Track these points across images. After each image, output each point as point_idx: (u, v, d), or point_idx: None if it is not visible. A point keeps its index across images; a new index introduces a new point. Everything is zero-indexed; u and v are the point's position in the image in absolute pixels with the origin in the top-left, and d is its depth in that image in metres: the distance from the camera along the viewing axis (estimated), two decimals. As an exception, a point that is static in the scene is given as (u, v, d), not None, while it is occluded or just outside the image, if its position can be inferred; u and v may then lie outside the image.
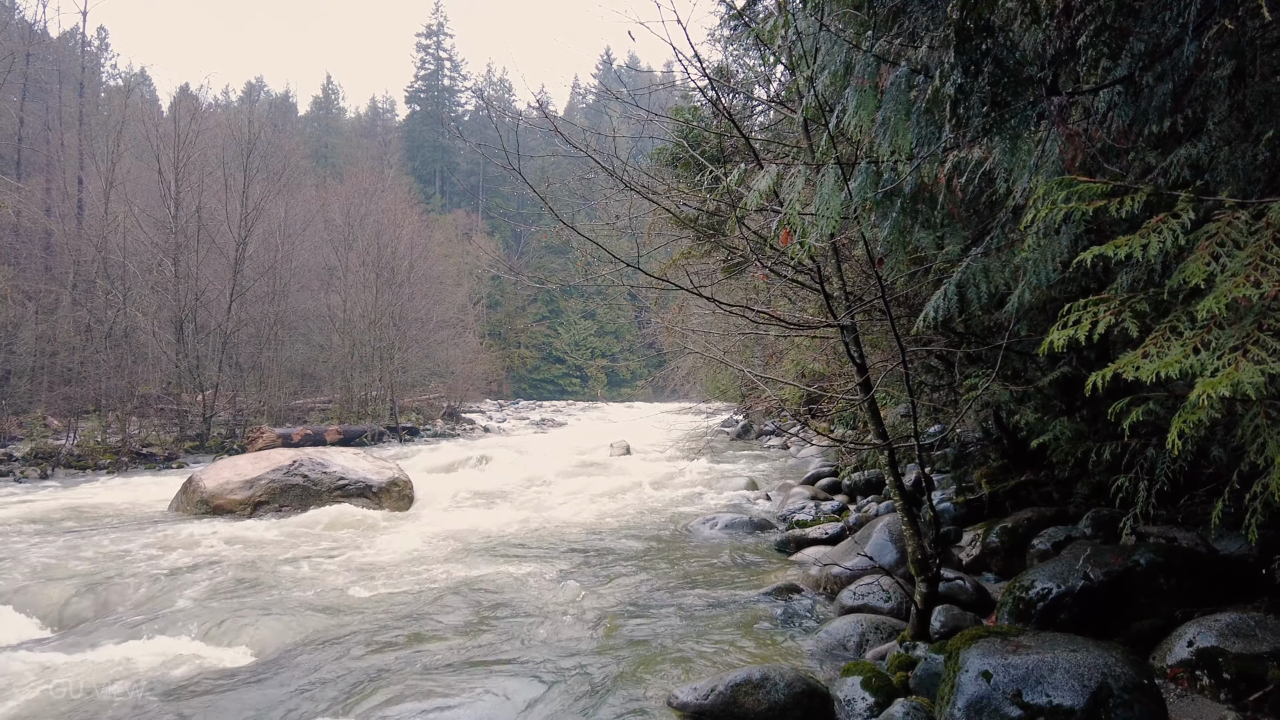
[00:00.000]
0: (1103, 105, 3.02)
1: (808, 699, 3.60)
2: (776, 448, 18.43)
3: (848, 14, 3.57)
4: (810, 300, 6.58)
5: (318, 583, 6.23)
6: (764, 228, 5.13)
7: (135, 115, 23.72)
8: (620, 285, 5.63)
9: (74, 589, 6.03)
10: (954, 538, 6.24)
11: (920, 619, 4.22)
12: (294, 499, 9.71)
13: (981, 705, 3.01)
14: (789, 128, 6.26)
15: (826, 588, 5.67)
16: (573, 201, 18.02)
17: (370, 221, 28.17)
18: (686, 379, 21.98)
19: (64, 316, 20.04)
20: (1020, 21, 3.14)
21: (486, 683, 4.11)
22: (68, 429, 16.91)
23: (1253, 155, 2.59)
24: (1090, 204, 2.28)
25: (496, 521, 8.96)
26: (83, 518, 9.30)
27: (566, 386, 67.73)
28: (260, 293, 23.16)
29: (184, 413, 19.20)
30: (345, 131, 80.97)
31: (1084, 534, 5.18)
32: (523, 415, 37.89)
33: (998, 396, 5.72)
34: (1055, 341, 2.28)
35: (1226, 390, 1.73)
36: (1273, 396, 2.34)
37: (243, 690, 4.15)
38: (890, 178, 3.51)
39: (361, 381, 25.65)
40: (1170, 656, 3.48)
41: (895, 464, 4.54)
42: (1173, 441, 1.99)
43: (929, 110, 3.13)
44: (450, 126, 69.44)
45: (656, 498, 10.85)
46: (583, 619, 5.23)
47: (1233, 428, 2.88)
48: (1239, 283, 1.81)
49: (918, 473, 7.71)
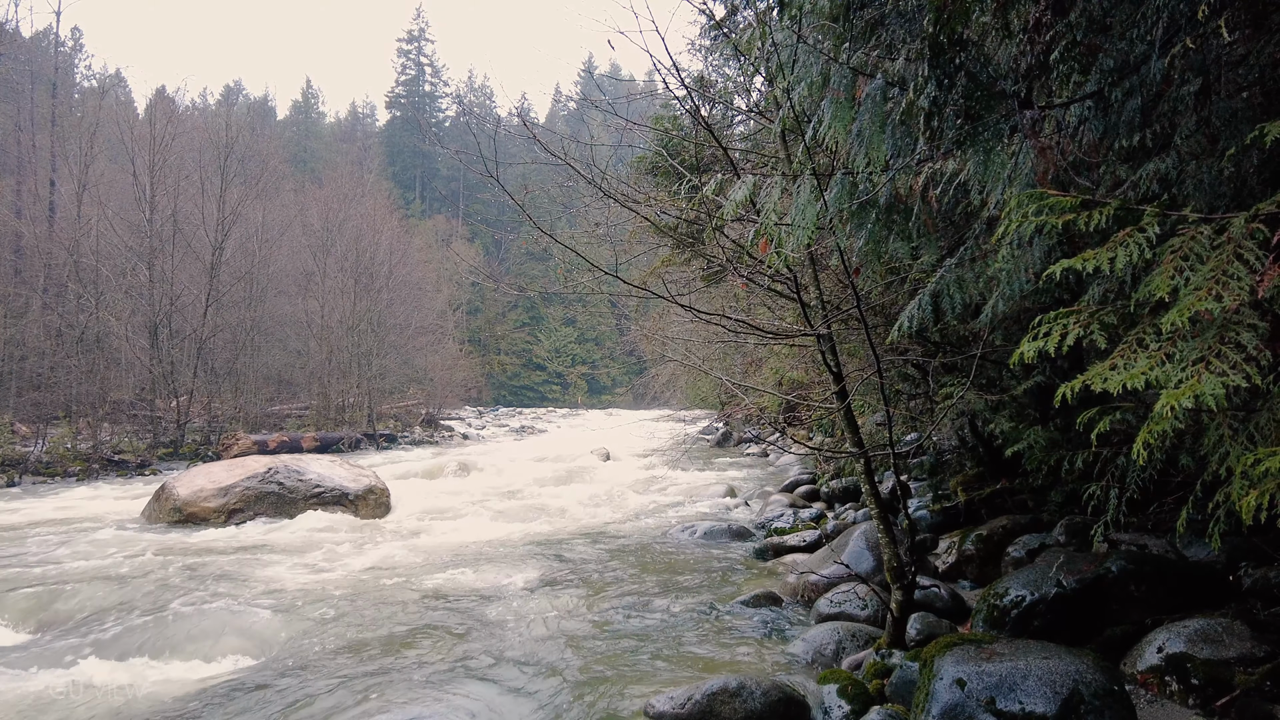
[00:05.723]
0: (1074, 119, 3.07)
1: (784, 707, 3.61)
2: (756, 455, 18.49)
3: (825, 26, 3.60)
4: (788, 309, 6.62)
5: (292, 592, 6.15)
6: (742, 237, 5.16)
7: (110, 117, 23.41)
8: (600, 293, 5.64)
9: (38, 599, 5.90)
10: (930, 545, 6.29)
11: (896, 626, 4.25)
12: (269, 507, 9.59)
13: (956, 712, 3.03)
14: (767, 138, 6.30)
15: (804, 595, 5.68)
16: (553, 208, 18.02)
17: (349, 227, 27.91)
18: (667, 386, 22.03)
19: (33, 321, 19.67)
20: (993, 36, 3.20)
21: (462, 693, 4.07)
22: (36, 435, 16.56)
23: (1218, 170, 2.64)
24: (1061, 217, 2.32)
25: (474, 529, 8.90)
26: (50, 526, 9.11)
27: (547, 393, 67.53)
28: (237, 298, 22.85)
29: (158, 419, 18.90)
30: (325, 136, 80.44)
31: (1058, 541, 5.25)
32: (503, 422, 37.69)
33: (973, 405, 5.78)
34: (1026, 353, 2.31)
35: (1189, 401, 1.76)
36: (1235, 408, 2.39)
37: (211, 702, 4.08)
38: (866, 189, 3.55)
39: (339, 388, 25.38)
40: (1141, 663, 3.53)
41: (872, 472, 4.57)
42: (1138, 451, 2.03)
43: (904, 122, 3.17)
44: (430, 133, 69.18)
45: (636, 505, 10.83)
46: (559, 628, 5.20)
47: (1200, 437, 2.93)
48: (1201, 296, 1.85)
49: (894, 480, 7.77)
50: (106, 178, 22.22)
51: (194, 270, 21.71)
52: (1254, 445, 2.29)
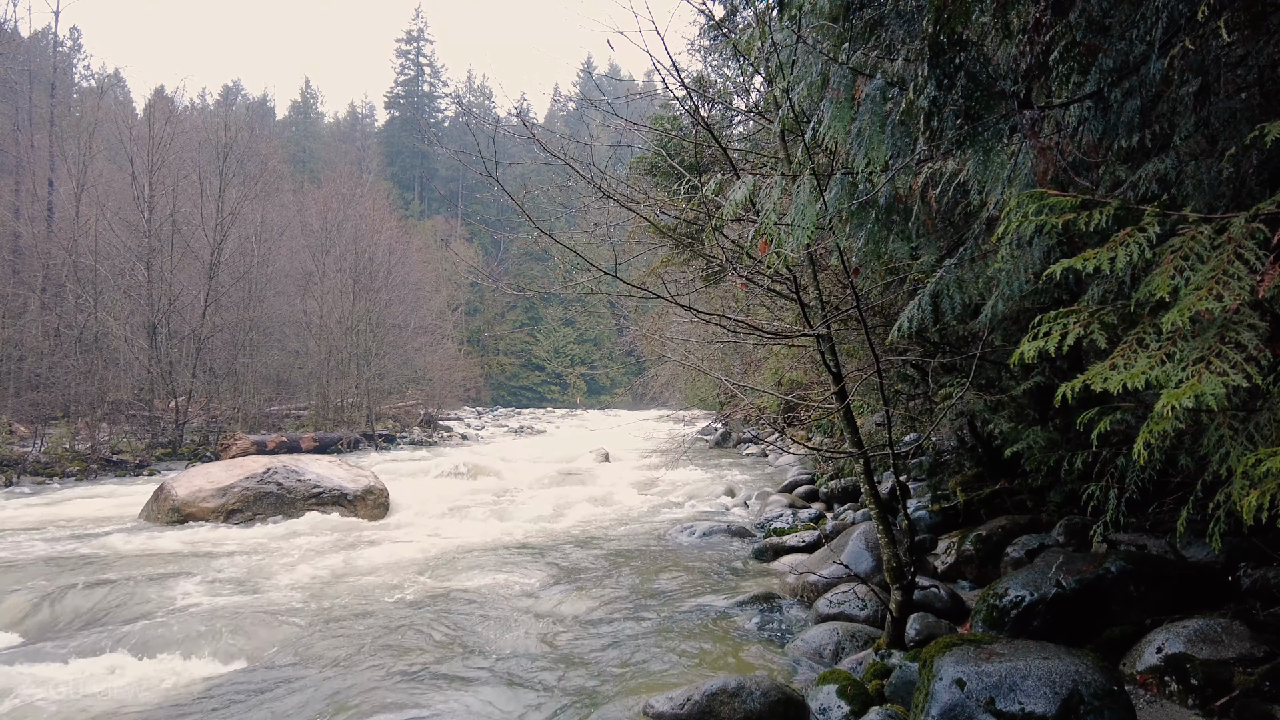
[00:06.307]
0: (1073, 119, 3.07)
1: (784, 707, 3.60)
2: (755, 455, 18.48)
3: (825, 27, 3.60)
4: (788, 309, 6.62)
5: (290, 593, 6.14)
6: (741, 237, 5.16)
7: (109, 117, 23.38)
8: (599, 293, 5.63)
9: (36, 599, 5.89)
10: (929, 546, 6.29)
11: (895, 627, 4.25)
12: (268, 507, 9.58)
13: (955, 713, 3.03)
14: (767, 138, 6.30)
15: (803, 595, 5.68)
16: (552, 209, 18.01)
17: (348, 227, 27.88)
18: (666, 387, 22.03)
19: (32, 321, 19.62)
20: (993, 36, 3.19)
21: (462, 694, 4.07)
22: (35, 435, 16.53)
23: (1217, 170, 2.64)
24: (1061, 217, 2.32)
25: (473, 530, 8.89)
26: (48, 526, 9.10)
27: (546, 394, 67.47)
28: (235, 298, 22.81)
29: (156, 419, 18.87)
30: (324, 136, 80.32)
31: (1057, 542, 5.25)
32: (501, 422, 37.67)
33: (972, 405, 5.79)
34: (1026, 353, 2.31)
35: (1190, 401, 1.76)
36: (1235, 408, 2.39)
37: (210, 703, 4.08)
38: (865, 189, 3.55)
39: (338, 388, 25.36)
40: (1140, 663, 3.53)
41: (871, 472, 4.57)
42: (1138, 451, 2.02)
43: (903, 122, 3.17)
44: (429, 133, 69.11)
45: (635, 505, 10.83)
46: (559, 628, 5.20)
47: (1200, 437, 2.93)
48: (1202, 296, 1.85)
49: (893, 481, 7.77)
50: (105, 178, 22.20)
51: (193, 270, 21.68)
52: (1254, 445, 2.29)
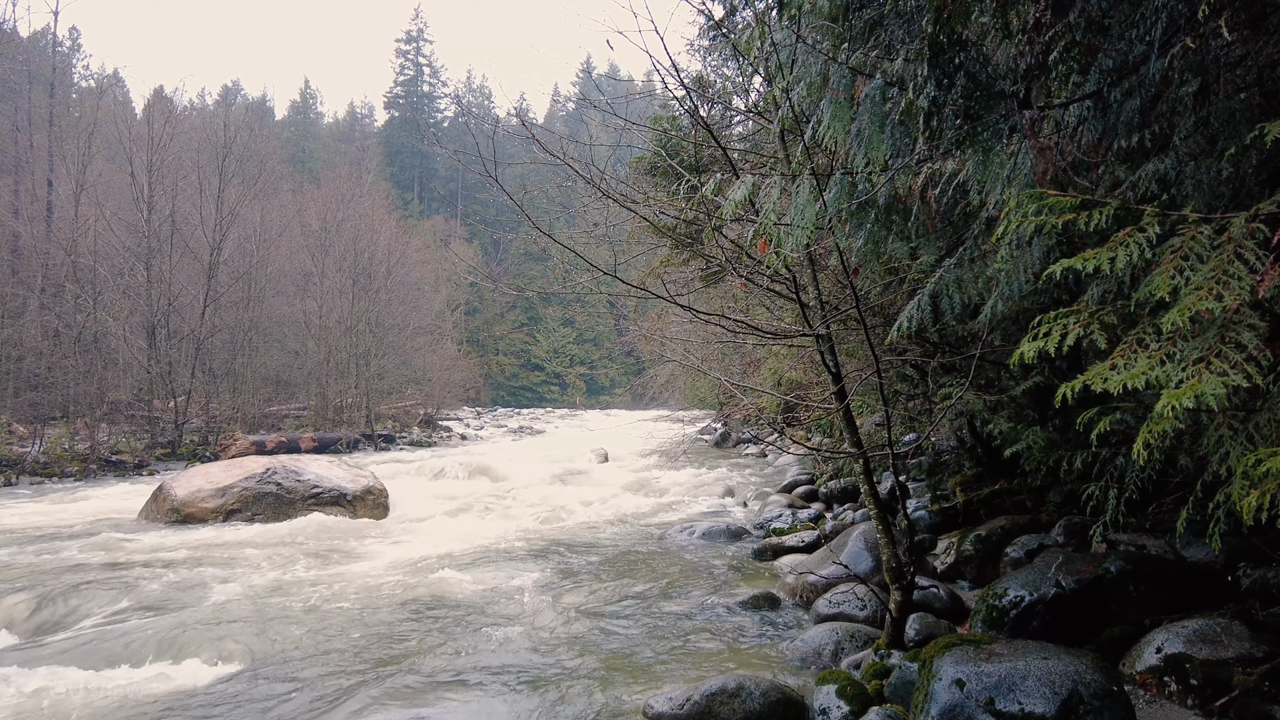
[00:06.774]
0: (1073, 119, 3.07)
1: (783, 708, 3.60)
2: (754, 455, 18.48)
3: (824, 26, 3.60)
4: (787, 309, 6.62)
5: (290, 593, 6.13)
6: (741, 237, 5.15)
7: (108, 117, 23.37)
8: (599, 293, 5.64)
9: (34, 599, 5.88)
10: (929, 546, 6.29)
11: (895, 627, 4.24)
12: (267, 507, 9.58)
13: (955, 713, 3.03)
14: (766, 138, 6.30)
15: (802, 596, 5.68)
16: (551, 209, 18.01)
17: (347, 227, 27.89)
18: (665, 387, 22.05)
19: (31, 321, 19.60)
20: (993, 36, 3.19)
21: (462, 694, 4.06)
22: (34, 436, 16.52)
23: (1217, 170, 2.64)
24: (1060, 217, 2.32)
25: (472, 530, 8.89)
26: (47, 526, 9.09)
27: (545, 394, 67.47)
28: (235, 298, 22.79)
29: (155, 419, 18.86)
30: (323, 136, 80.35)
31: (1056, 542, 5.25)
32: (501, 423, 37.66)
33: (971, 405, 5.79)
34: (1026, 353, 2.31)
35: (1190, 402, 1.76)
36: (1235, 408, 2.39)
37: (209, 703, 4.07)
38: (865, 189, 3.54)
39: (337, 388, 25.35)
40: (1140, 663, 3.53)
41: (870, 472, 4.57)
42: (1138, 452, 2.02)
43: (903, 122, 3.17)
44: (429, 133, 69.11)
45: (634, 505, 10.82)
46: (558, 629, 5.20)
47: (1199, 437, 2.93)
48: (1202, 296, 1.85)
49: (893, 481, 7.78)
50: (104, 178, 22.18)
51: (192, 270, 21.67)
52: (1254, 445, 2.29)
